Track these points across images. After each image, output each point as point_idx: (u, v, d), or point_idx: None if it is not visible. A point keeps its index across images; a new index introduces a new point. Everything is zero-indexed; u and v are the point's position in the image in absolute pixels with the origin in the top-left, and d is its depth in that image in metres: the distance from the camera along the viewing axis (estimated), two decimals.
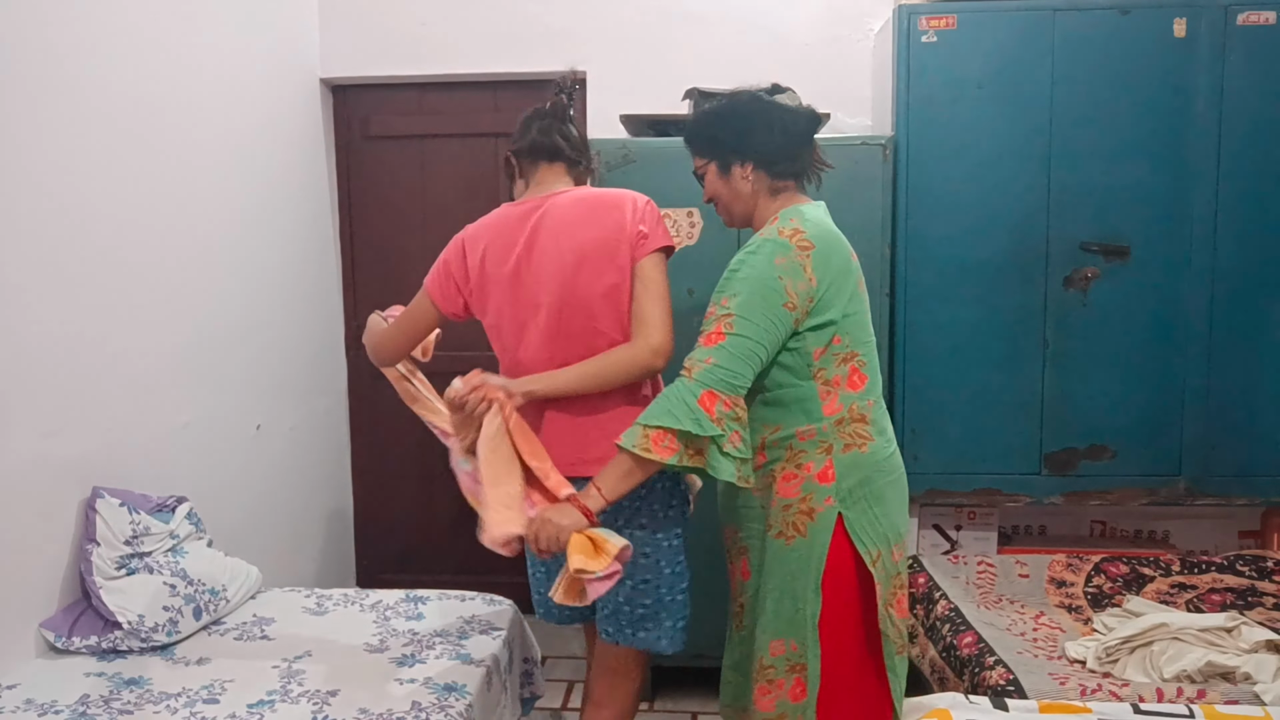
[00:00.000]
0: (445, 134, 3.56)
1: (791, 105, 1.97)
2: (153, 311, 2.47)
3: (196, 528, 2.41)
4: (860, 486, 1.80)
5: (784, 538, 1.82)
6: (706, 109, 1.98)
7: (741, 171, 1.86)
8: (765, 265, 1.74)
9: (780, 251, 1.75)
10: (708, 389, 1.69)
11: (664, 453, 1.68)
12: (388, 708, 1.86)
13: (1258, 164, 2.69)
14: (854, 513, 1.80)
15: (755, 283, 1.73)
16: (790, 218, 1.81)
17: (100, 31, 2.28)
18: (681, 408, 1.68)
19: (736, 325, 1.71)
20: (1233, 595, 2.61)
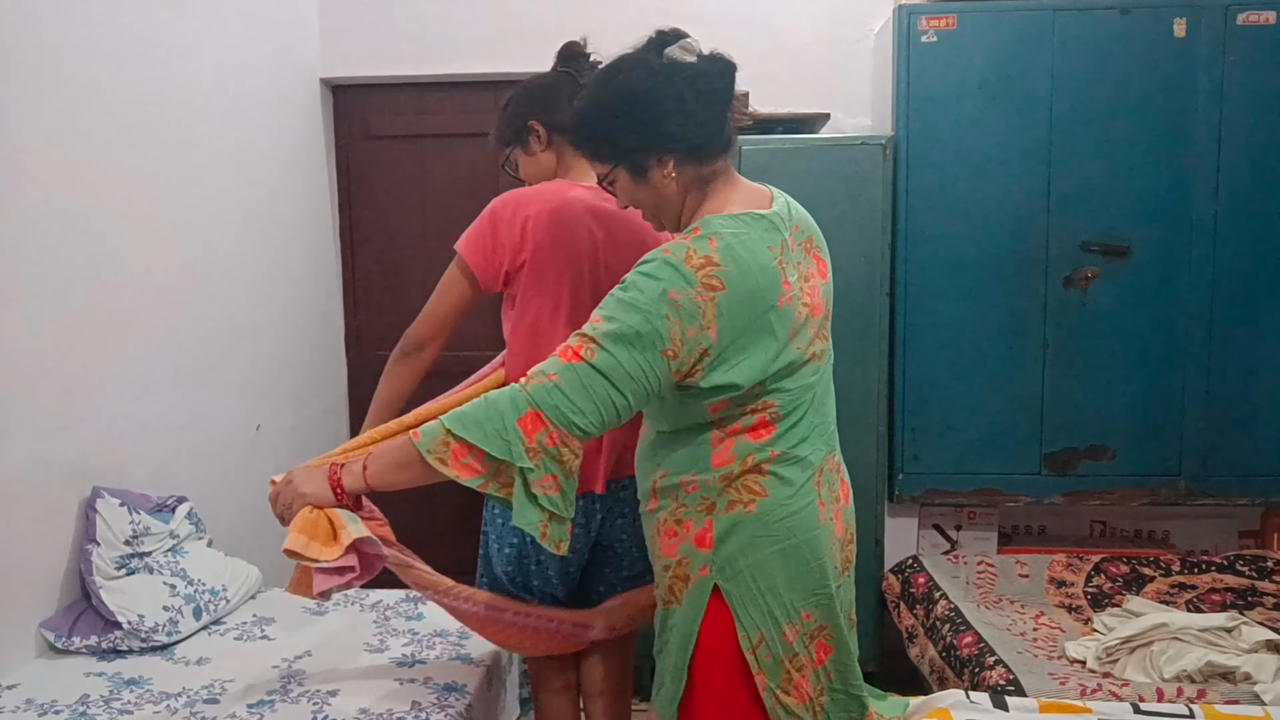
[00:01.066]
0: (445, 134, 3.56)
1: (694, 61, 1.50)
2: (153, 312, 2.46)
3: (196, 528, 2.41)
4: (741, 555, 1.45)
5: (663, 603, 1.55)
6: (587, 100, 1.52)
7: (661, 171, 1.45)
8: (656, 296, 1.36)
9: (679, 285, 1.36)
10: (535, 409, 1.36)
11: (462, 470, 1.39)
12: (388, 708, 1.86)
13: (1258, 164, 2.70)
14: (733, 585, 1.46)
15: (637, 313, 1.36)
16: (708, 235, 1.40)
17: (100, 32, 2.28)
18: (496, 421, 1.37)
19: (599, 356, 1.36)
20: (1233, 595, 2.61)
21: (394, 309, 3.65)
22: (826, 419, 1.53)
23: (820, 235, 1.56)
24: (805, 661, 1.49)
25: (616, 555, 1.93)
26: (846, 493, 1.59)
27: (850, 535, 1.59)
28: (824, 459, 1.50)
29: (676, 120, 1.43)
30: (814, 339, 1.48)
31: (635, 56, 1.52)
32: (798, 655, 1.48)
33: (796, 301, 1.43)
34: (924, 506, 2.96)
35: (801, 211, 1.54)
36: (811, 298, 1.47)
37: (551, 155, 1.98)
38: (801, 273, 1.47)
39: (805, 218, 1.54)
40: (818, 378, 1.50)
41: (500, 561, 1.96)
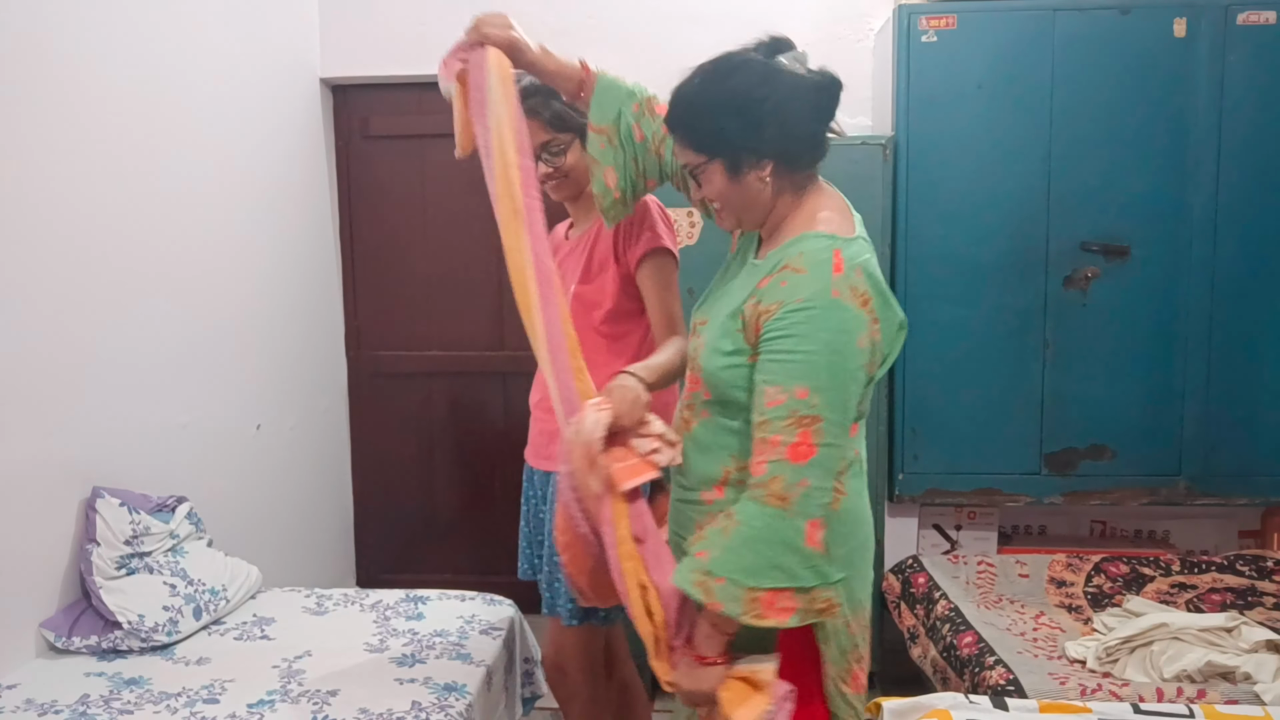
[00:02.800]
0: (445, 134, 3.48)
1: (804, 73, 1.47)
2: (153, 311, 2.46)
3: (196, 528, 2.41)
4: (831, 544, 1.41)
5: None
6: (699, 88, 1.48)
7: (758, 173, 1.43)
8: (845, 342, 1.34)
9: (856, 323, 1.34)
10: (812, 520, 1.32)
11: (782, 615, 1.33)
12: (388, 708, 1.85)
13: (1258, 164, 2.70)
14: None
15: (837, 370, 1.34)
16: (852, 267, 1.37)
17: (100, 32, 2.28)
18: (791, 556, 1.31)
19: (827, 433, 1.32)
20: (1233, 595, 2.61)
21: (394, 309, 3.66)
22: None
23: None
24: (863, 653, 1.50)
25: None
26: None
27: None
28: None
29: (783, 127, 1.42)
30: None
31: (749, 57, 1.49)
32: (858, 647, 1.49)
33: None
34: (924, 506, 2.96)
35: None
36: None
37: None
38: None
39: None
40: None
41: None
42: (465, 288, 3.63)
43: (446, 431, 3.70)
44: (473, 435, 3.69)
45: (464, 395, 3.68)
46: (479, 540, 3.73)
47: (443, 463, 3.72)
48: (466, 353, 3.65)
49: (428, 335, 3.66)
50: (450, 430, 3.70)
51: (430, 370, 3.68)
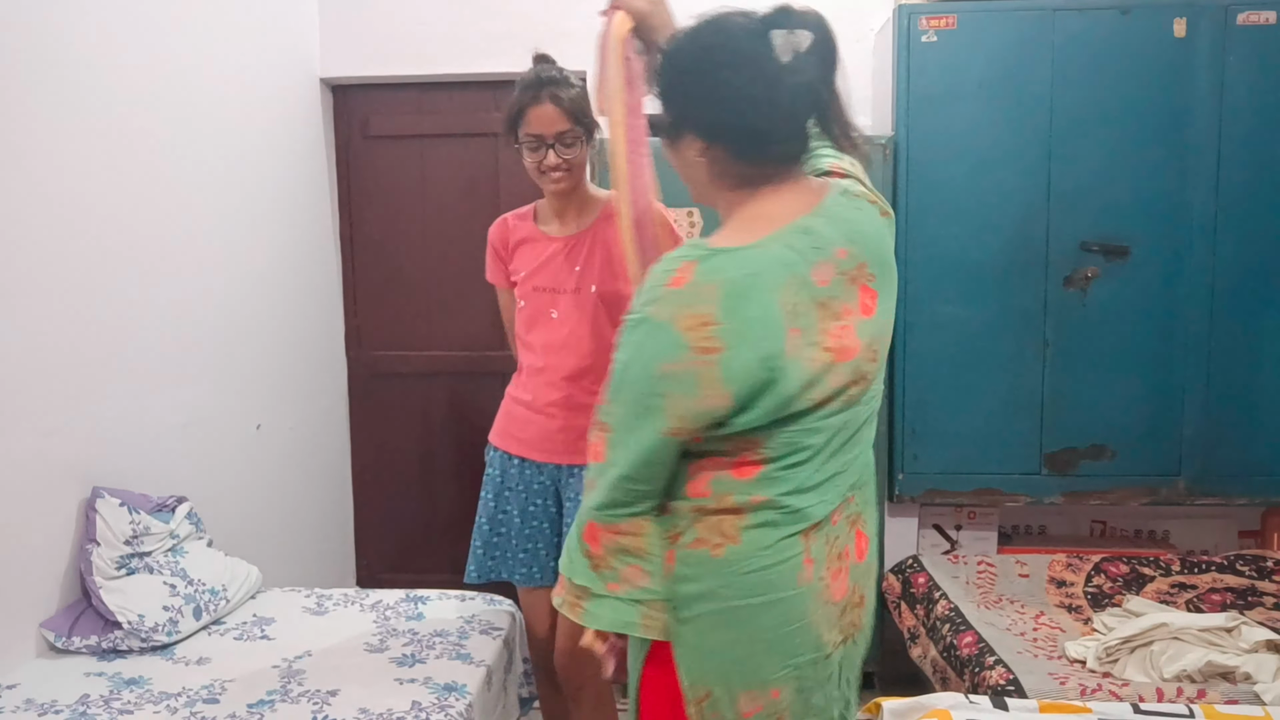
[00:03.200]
0: (445, 134, 3.56)
1: (781, 59, 1.22)
2: (152, 311, 2.46)
3: (196, 528, 2.41)
4: (699, 600, 1.26)
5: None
6: (676, 43, 1.31)
7: (692, 148, 1.27)
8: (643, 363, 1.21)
9: (663, 347, 1.19)
10: (589, 521, 1.30)
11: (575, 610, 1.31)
12: (388, 707, 1.85)
13: (1258, 164, 2.69)
14: (684, 628, 1.27)
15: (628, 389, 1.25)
16: (690, 261, 1.19)
17: (100, 31, 2.28)
18: (576, 549, 1.31)
19: (611, 446, 1.27)
20: (1233, 595, 2.61)
21: (394, 309, 3.66)
22: (849, 468, 1.31)
23: (881, 257, 1.30)
24: None
25: None
26: (862, 549, 1.34)
27: (859, 597, 1.35)
28: (829, 512, 1.28)
29: (719, 106, 1.23)
30: (840, 384, 1.24)
31: (734, 27, 1.24)
32: None
33: (813, 348, 1.21)
34: (924, 506, 2.96)
35: (862, 228, 1.28)
36: (838, 340, 1.23)
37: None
38: (832, 311, 1.23)
39: (864, 236, 1.28)
40: (836, 422, 1.26)
41: None
42: (465, 288, 3.62)
43: (446, 431, 3.70)
44: (473, 435, 3.68)
45: (464, 395, 3.68)
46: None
47: (443, 463, 3.72)
48: (466, 353, 3.65)
49: (428, 335, 3.66)
50: (450, 430, 3.69)
51: (430, 370, 3.68)
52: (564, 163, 1.98)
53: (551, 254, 2.07)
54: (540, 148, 1.97)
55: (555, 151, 1.97)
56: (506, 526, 2.20)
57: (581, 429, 1.97)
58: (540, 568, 2.20)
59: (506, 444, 2.18)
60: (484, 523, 2.21)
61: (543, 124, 1.95)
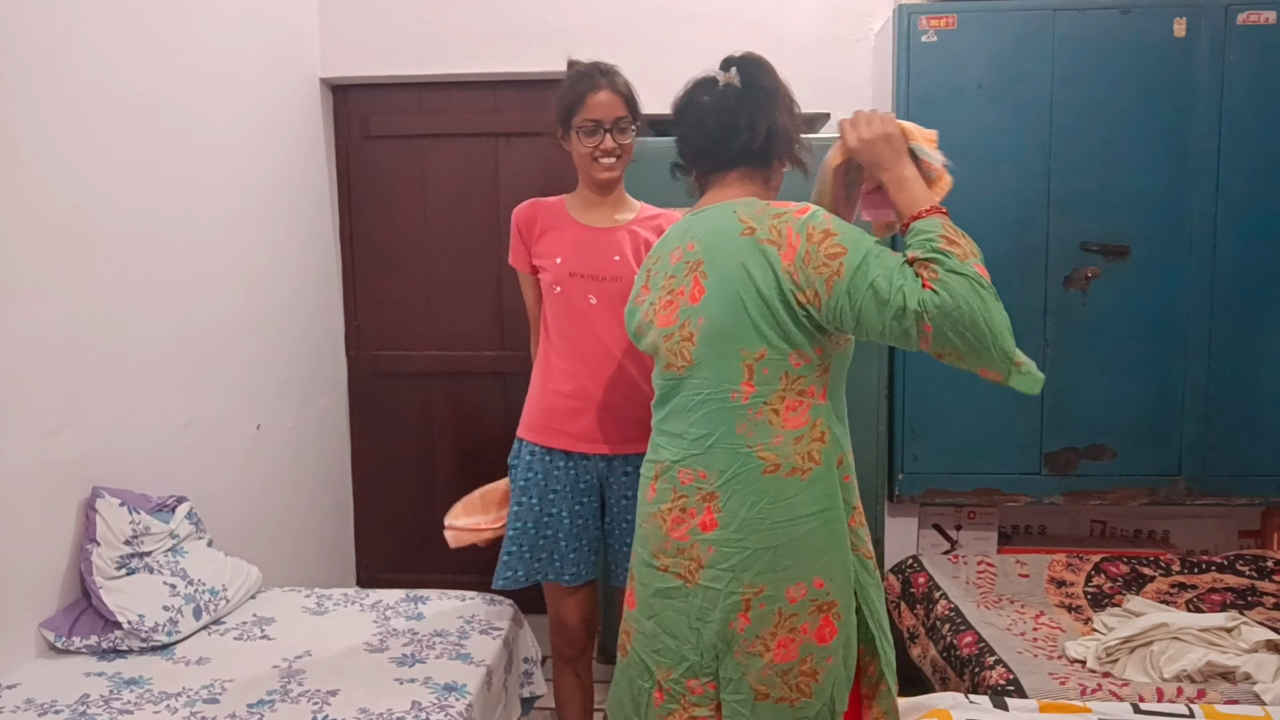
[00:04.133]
0: (445, 134, 3.56)
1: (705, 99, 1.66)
2: (153, 311, 2.46)
3: (196, 528, 2.41)
4: None
5: None
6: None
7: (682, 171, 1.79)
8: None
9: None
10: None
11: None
12: (388, 707, 1.85)
13: (1258, 164, 2.70)
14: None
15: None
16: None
17: (100, 31, 2.28)
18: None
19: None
20: (1233, 595, 2.61)
21: (394, 309, 3.66)
22: (687, 436, 1.59)
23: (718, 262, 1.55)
24: (631, 586, 1.71)
25: None
26: (707, 524, 1.56)
27: (696, 556, 1.57)
28: (671, 461, 1.61)
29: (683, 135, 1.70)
30: (653, 344, 1.65)
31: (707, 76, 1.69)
32: (631, 569, 1.72)
33: (645, 304, 1.67)
34: (924, 506, 2.96)
35: (714, 233, 1.58)
36: (665, 310, 1.61)
37: None
38: (670, 286, 1.62)
39: (712, 240, 1.57)
40: (665, 384, 1.64)
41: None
42: (465, 288, 3.63)
43: (446, 431, 3.70)
44: (473, 435, 3.69)
45: (464, 395, 3.68)
46: None
47: (443, 463, 3.72)
48: (466, 353, 3.66)
49: (428, 335, 3.66)
50: (450, 430, 3.70)
51: (430, 370, 3.68)
52: (618, 148, 2.06)
53: (589, 241, 2.10)
54: (597, 132, 2.03)
55: (611, 136, 2.04)
56: (554, 528, 2.15)
57: (631, 417, 2.03)
58: (587, 565, 2.18)
59: (550, 439, 2.14)
60: (529, 526, 2.15)
61: (602, 109, 2.03)
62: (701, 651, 1.58)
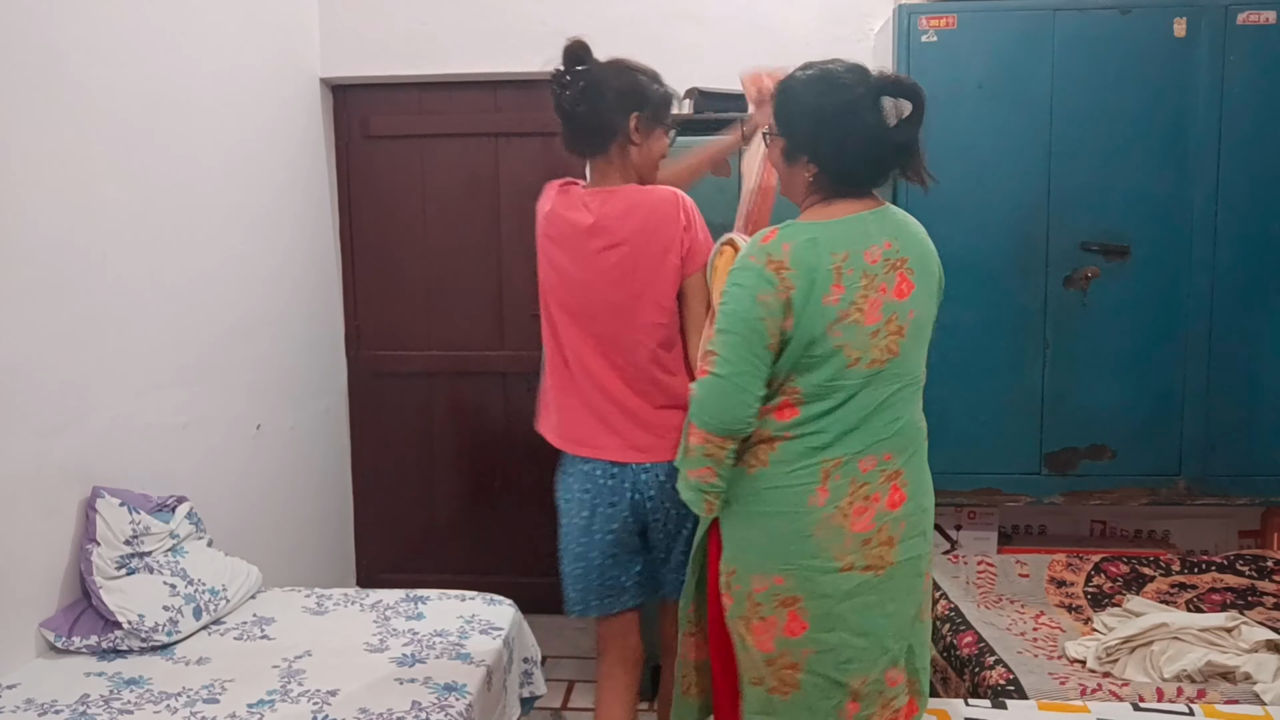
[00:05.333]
0: (445, 134, 3.56)
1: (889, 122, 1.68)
2: (153, 312, 2.47)
3: (196, 528, 2.41)
4: (736, 501, 1.67)
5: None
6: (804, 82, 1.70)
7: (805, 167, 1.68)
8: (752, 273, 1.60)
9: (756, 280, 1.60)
10: (693, 425, 1.64)
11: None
12: (388, 707, 1.86)
13: (1258, 164, 2.69)
14: (724, 520, 1.70)
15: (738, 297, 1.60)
16: (776, 228, 1.64)
17: (100, 32, 2.28)
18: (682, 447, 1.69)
19: (717, 363, 1.59)
20: (1233, 595, 2.61)
21: (394, 309, 3.66)
22: (879, 429, 1.63)
23: (921, 259, 1.74)
24: (771, 619, 1.63)
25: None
26: (895, 500, 1.64)
27: (888, 538, 1.62)
28: (851, 455, 1.61)
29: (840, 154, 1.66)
30: (861, 346, 1.61)
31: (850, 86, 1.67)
32: (760, 606, 1.64)
33: (841, 303, 1.58)
34: None
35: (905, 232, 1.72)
36: (871, 309, 1.60)
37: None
38: (871, 284, 1.61)
39: (907, 238, 1.71)
40: (859, 382, 1.61)
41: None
42: (465, 287, 3.63)
43: (446, 431, 3.70)
44: (473, 435, 3.69)
45: (464, 395, 3.68)
46: (479, 540, 3.73)
47: (443, 463, 3.72)
48: (466, 353, 3.66)
49: (428, 335, 3.66)
50: (450, 430, 3.70)
51: (430, 370, 3.68)
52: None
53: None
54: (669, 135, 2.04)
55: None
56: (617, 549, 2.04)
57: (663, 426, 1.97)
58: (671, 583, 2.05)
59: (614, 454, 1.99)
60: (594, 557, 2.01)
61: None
62: (899, 634, 1.64)
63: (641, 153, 1.98)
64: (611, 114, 1.94)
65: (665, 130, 2.01)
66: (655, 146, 2.00)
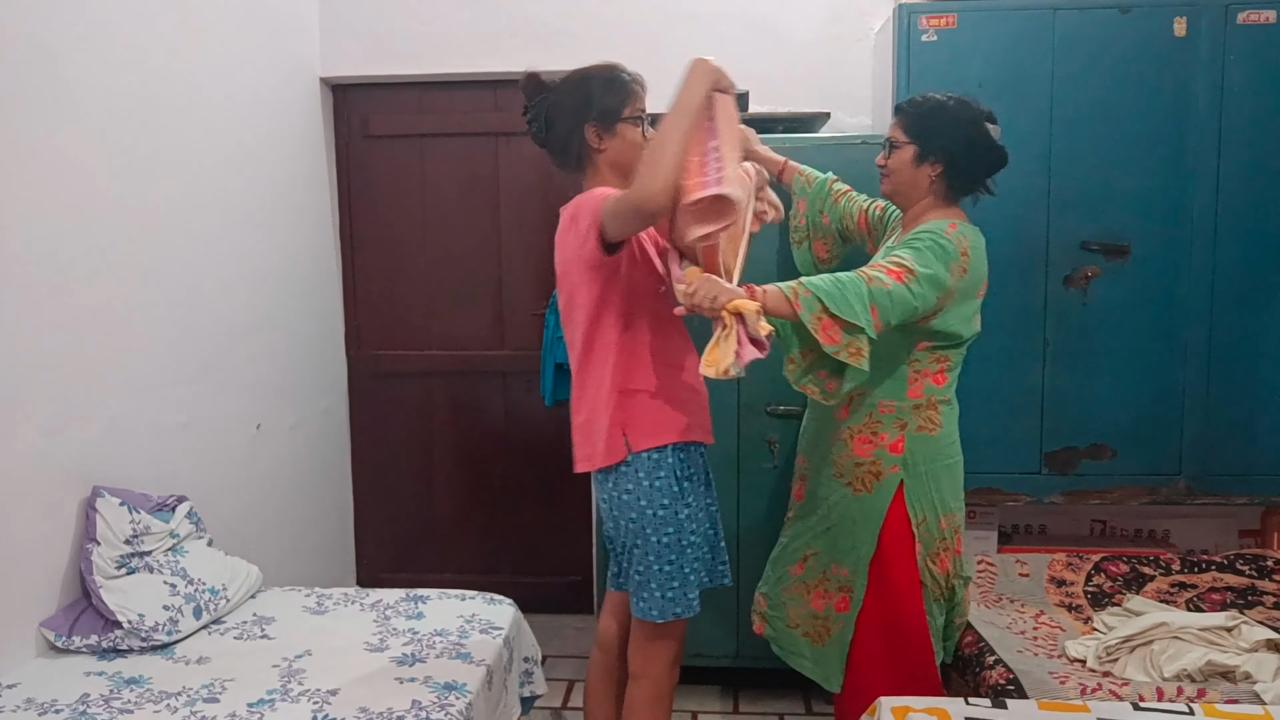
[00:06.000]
0: (445, 134, 3.56)
1: (995, 139, 2.20)
2: (153, 311, 2.47)
3: (196, 527, 2.41)
4: (922, 463, 2.14)
5: (852, 488, 2.20)
6: (944, 101, 2.23)
7: (931, 170, 2.17)
8: (943, 253, 2.06)
9: (954, 252, 2.08)
10: (875, 304, 1.96)
11: (827, 340, 1.94)
12: (388, 707, 1.86)
13: (1258, 164, 2.69)
14: (912, 482, 2.15)
15: (935, 257, 2.04)
16: (953, 222, 2.14)
17: (100, 31, 2.28)
18: (860, 306, 1.94)
19: (914, 282, 1.99)
20: (1233, 594, 2.61)
21: (394, 309, 3.66)
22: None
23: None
24: (949, 546, 2.20)
25: None
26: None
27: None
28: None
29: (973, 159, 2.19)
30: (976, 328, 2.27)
31: (979, 113, 2.20)
32: (945, 539, 2.19)
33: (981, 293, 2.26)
34: None
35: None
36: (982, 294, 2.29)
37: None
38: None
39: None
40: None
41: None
42: (465, 288, 3.63)
43: (446, 431, 3.70)
44: (473, 435, 3.69)
45: (464, 395, 3.68)
46: (479, 540, 3.73)
47: (443, 463, 3.72)
48: (466, 352, 3.66)
49: (428, 335, 3.66)
50: (450, 430, 3.70)
51: (430, 370, 3.68)
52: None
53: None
54: (649, 123, 2.03)
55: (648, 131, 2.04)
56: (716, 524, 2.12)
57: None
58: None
59: (706, 436, 2.06)
60: (709, 529, 2.07)
61: (644, 105, 2.04)
62: None
63: (610, 156, 1.99)
64: (570, 134, 1.98)
65: (631, 122, 1.99)
66: (623, 144, 1.98)
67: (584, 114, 1.97)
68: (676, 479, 1.95)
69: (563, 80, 2.02)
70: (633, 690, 2.06)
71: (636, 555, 1.96)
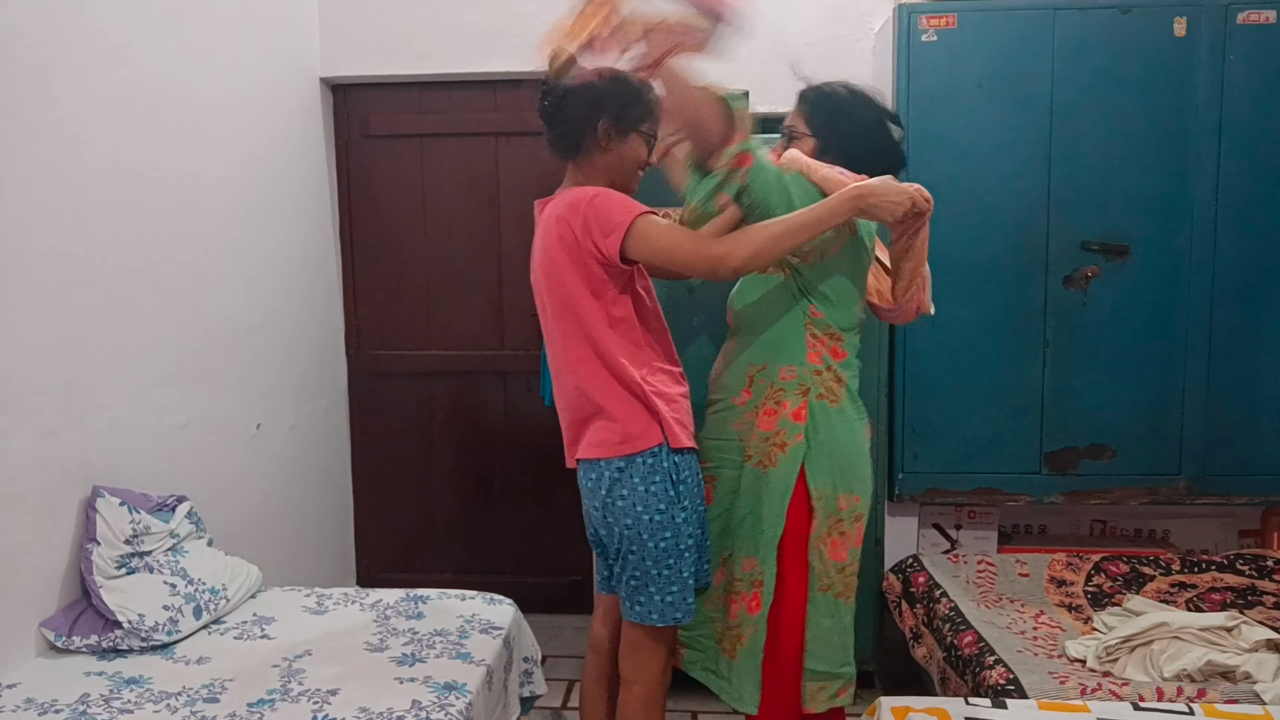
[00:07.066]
0: (445, 133, 3.56)
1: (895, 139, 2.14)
2: (153, 311, 2.46)
3: (196, 527, 2.41)
4: (824, 430, 2.00)
5: (760, 465, 2.03)
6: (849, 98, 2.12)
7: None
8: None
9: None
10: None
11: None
12: (388, 707, 1.86)
13: (1258, 163, 2.70)
14: (814, 451, 2.00)
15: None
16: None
17: (100, 31, 2.28)
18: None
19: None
20: (1233, 594, 2.61)
21: (394, 309, 3.66)
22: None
23: None
24: (847, 532, 2.03)
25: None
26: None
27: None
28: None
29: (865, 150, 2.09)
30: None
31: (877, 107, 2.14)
32: (843, 520, 2.02)
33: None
34: (924, 505, 2.96)
35: None
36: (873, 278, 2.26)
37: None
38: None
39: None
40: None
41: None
42: (465, 288, 3.63)
43: (446, 431, 3.70)
44: (473, 435, 3.69)
45: (464, 395, 3.68)
46: (479, 540, 3.73)
47: (443, 462, 3.72)
48: (466, 352, 3.66)
49: (428, 335, 3.66)
50: (450, 430, 3.70)
51: (430, 370, 3.68)
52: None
53: None
54: (653, 146, 2.03)
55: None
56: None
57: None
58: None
59: (693, 440, 2.03)
60: (699, 532, 2.03)
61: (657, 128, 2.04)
62: None
63: (609, 159, 1.97)
64: (583, 120, 1.95)
65: (644, 138, 1.99)
66: (628, 153, 1.98)
67: (605, 108, 1.94)
68: (672, 482, 1.93)
69: (595, 69, 1.97)
70: (625, 696, 2.06)
71: (631, 560, 1.94)
